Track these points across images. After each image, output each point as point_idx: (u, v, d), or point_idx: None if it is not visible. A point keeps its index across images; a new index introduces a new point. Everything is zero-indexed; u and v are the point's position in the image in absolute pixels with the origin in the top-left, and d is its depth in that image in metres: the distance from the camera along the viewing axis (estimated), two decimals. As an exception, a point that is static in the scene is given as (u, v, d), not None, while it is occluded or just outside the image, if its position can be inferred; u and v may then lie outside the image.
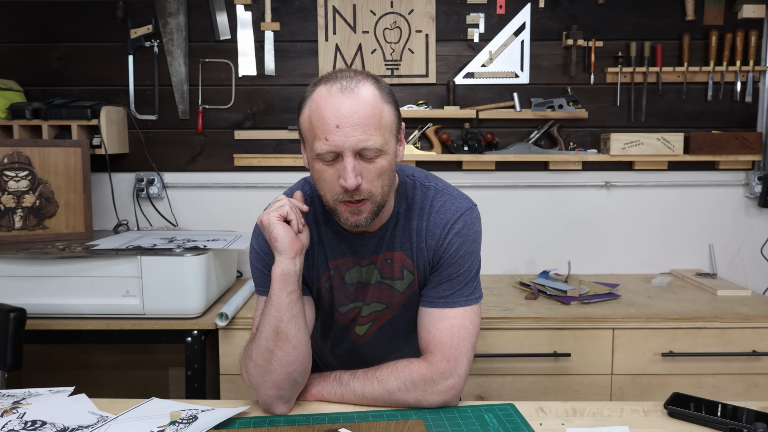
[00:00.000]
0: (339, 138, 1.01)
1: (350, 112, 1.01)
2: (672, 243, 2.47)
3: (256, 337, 1.11)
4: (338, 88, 1.03)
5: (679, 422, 1.09)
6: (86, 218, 2.13)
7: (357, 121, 1.01)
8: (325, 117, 1.02)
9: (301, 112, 1.08)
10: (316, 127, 1.03)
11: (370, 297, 1.22)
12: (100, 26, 2.37)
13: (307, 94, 1.08)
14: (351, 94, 1.02)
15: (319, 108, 1.03)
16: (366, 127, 1.02)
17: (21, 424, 1.05)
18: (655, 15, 2.38)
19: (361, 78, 1.05)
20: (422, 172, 1.24)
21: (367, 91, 1.04)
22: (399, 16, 2.36)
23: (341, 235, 1.19)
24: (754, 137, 2.34)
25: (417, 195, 1.20)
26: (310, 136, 1.05)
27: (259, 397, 1.13)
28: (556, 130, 2.37)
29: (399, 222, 1.19)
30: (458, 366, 1.13)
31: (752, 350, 1.89)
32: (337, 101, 1.02)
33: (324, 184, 1.07)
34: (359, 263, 1.20)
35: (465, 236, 1.17)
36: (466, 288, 1.17)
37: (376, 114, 1.03)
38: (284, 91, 2.41)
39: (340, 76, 1.06)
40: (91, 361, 2.50)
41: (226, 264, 2.13)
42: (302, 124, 1.08)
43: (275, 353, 1.07)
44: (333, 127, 1.01)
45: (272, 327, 1.07)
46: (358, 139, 1.02)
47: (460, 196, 1.21)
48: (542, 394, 1.91)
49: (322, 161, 1.05)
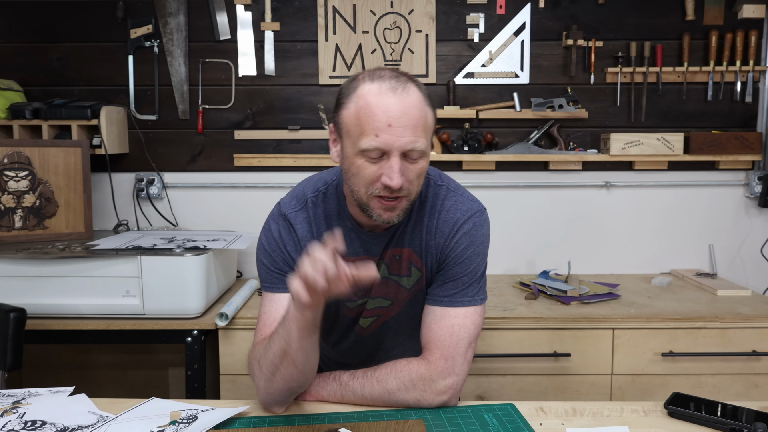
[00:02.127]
0: (390, 137, 1.02)
1: (402, 112, 1.03)
2: (672, 243, 2.47)
3: (264, 347, 1.10)
4: (388, 87, 1.04)
5: (679, 422, 1.09)
6: (86, 218, 2.13)
7: (408, 122, 1.03)
8: (376, 114, 1.02)
9: (342, 105, 1.08)
10: (365, 123, 1.03)
11: (375, 292, 1.23)
12: (100, 26, 2.37)
13: (349, 90, 1.08)
14: (402, 94, 1.04)
15: (368, 104, 1.03)
16: (415, 129, 1.04)
17: (21, 424, 1.05)
18: (655, 15, 2.38)
19: (407, 79, 1.07)
20: (436, 171, 1.25)
21: (415, 93, 1.06)
22: (399, 16, 2.36)
23: (354, 233, 1.19)
24: (754, 137, 2.34)
25: (429, 193, 1.21)
26: (355, 131, 1.05)
27: (258, 394, 1.13)
28: (556, 130, 2.37)
29: (411, 219, 1.20)
30: (456, 365, 1.13)
31: (752, 350, 1.89)
32: (388, 100, 1.03)
33: (361, 180, 1.07)
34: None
35: (473, 237, 1.18)
36: (470, 288, 1.18)
37: (423, 116, 1.05)
38: (284, 91, 2.41)
39: (387, 75, 1.06)
40: (91, 361, 2.50)
41: (226, 264, 2.13)
42: (345, 118, 1.07)
43: (280, 370, 1.07)
44: (384, 125, 1.02)
45: (281, 348, 1.05)
46: (408, 140, 1.03)
47: (471, 198, 1.23)
48: (542, 394, 1.91)
49: (366, 157, 1.05)
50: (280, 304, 1.17)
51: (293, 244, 1.19)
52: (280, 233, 1.20)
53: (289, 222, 1.20)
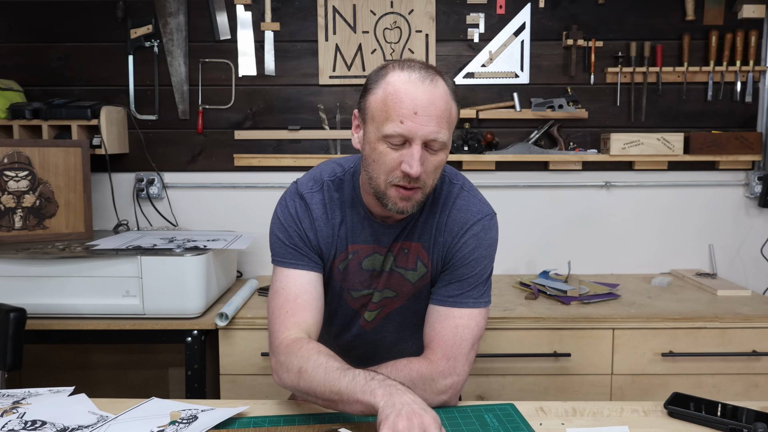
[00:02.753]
0: (414, 125, 1.04)
1: (428, 102, 1.04)
2: (672, 243, 2.47)
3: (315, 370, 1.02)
4: (418, 77, 1.06)
5: (679, 422, 1.09)
6: (86, 218, 2.13)
7: (434, 112, 1.05)
8: (403, 101, 1.04)
9: (370, 91, 1.09)
10: (391, 109, 1.05)
11: (382, 284, 1.24)
12: (100, 26, 2.37)
13: (378, 77, 1.09)
14: (431, 84, 1.06)
15: (397, 91, 1.05)
16: (440, 120, 1.05)
17: (21, 424, 1.05)
18: (655, 15, 2.38)
19: (436, 72, 1.09)
20: (452, 169, 1.27)
21: (443, 86, 1.08)
22: (399, 16, 2.36)
23: (367, 221, 1.20)
24: (754, 137, 2.34)
25: (443, 190, 1.22)
26: (381, 116, 1.06)
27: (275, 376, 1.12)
28: (556, 130, 2.37)
29: (422, 214, 1.20)
30: (457, 365, 1.14)
31: (752, 350, 1.89)
32: (416, 89, 1.05)
33: (381, 167, 1.08)
34: (379, 251, 1.21)
35: (481, 239, 1.19)
36: (475, 290, 1.18)
37: (449, 109, 1.08)
38: (284, 91, 2.41)
39: (415, 66, 1.08)
40: (91, 361, 2.50)
41: (226, 264, 2.12)
42: (372, 104, 1.09)
43: (310, 397, 1.05)
44: (411, 112, 1.03)
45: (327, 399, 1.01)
46: (431, 130, 1.05)
47: (483, 201, 1.24)
48: (542, 394, 1.91)
49: (388, 143, 1.06)
50: (297, 280, 1.18)
51: (309, 222, 1.20)
52: (297, 210, 1.21)
53: (306, 201, 1.21)
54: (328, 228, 1.21)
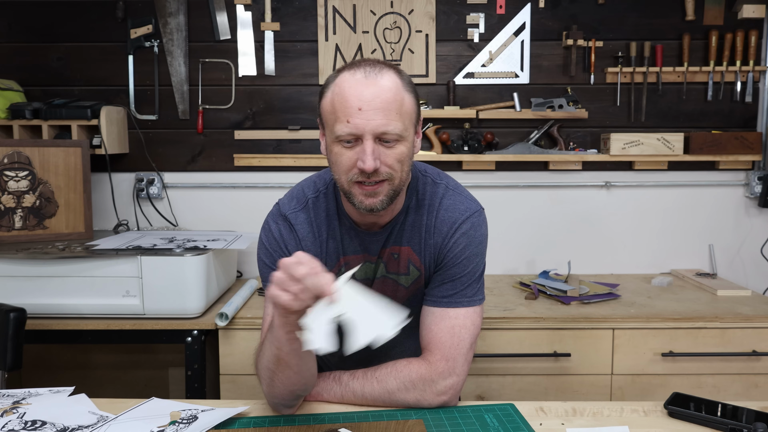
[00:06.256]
0: (361, 121, 1.03)
1: (372, 96, 1.03)
2: (672, 243, 2.47)
3: (260, 354, 1.09)
4: (362, 74, 1.05)
5: (679, 422, 1.09)
6: (86, 218, 2.13)
7: (379, 105, 1.03)
8: (348, 100, 1.04)
9: (323, 96, 1.10)
10: (338, 110, 1.05)
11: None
12: (100, 26, 2.37)
13: (329, 81, 1.10)
14: (374, 79, 1.05)
15: (342, 92, 1.05)
16: (387, 112, 1.04)
17: (21, 424, 1.05)
18: (655, 15, 2.38)
19: (384, 66, 1.08)
20: (434, 170, 1.26)
21: (390, 78, 1.06)
22: (399, 16, 2.36)
23: (353, 231, 1.20)
24: (754, 137, 2.34)
25: (427, 191, 1.21)
26: (331, 119, 1.07)
27: (265, 396, 1.13)
28: (556, 130, 2.37)
29: (408, 217, 1.20)
30: (457, 366, 1.14)
31: (752, 350, 1.89)
32: (360, 86, 1.04)
33: (340, 167, 1.08)
34: (369, 259, 1.21)
35: (471, 237, 1.18)
36: (469, 289, 1.18)
37: (398, 100, 1.06)
38: (284, 91, 2.41)
39: (364, 63, 1.08)
40: (91, 361, 2.50)
41: (226, 264, 2.13)
42: (324, 108, 1.09)
43: (277, 374, 1.06)
44: (355, 110, 1.03)
45: (273, 354, 1.05)
46: (379, 123, 1.04)
47: (469, 198, 1.22)
48: (542, 394, 1.91)
49: (341, 144, 1.06)
50: None
51: (295, 243, 1.19)
52: (281, 233, 1.20)
53: (290, 222, 1.20)
54: (316, 245, 1.20)
